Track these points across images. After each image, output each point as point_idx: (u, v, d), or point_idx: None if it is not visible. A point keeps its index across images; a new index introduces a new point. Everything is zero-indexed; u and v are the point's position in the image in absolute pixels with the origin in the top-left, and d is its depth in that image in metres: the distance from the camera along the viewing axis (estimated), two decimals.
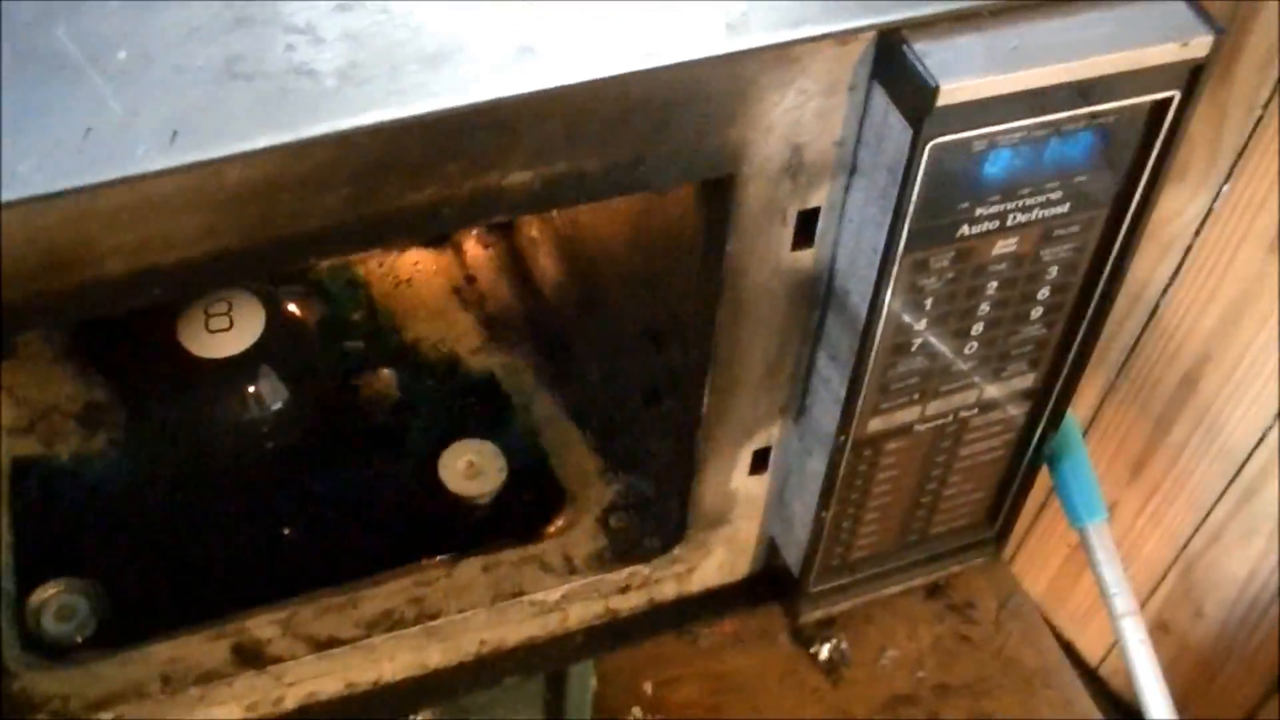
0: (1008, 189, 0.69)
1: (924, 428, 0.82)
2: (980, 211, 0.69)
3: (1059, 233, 0.73)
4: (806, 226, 0.71)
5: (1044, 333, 0.79)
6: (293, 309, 0.94)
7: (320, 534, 0.93)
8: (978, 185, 0.68)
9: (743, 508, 0.87)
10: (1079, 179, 0.70)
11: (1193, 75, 0.67)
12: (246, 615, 0.84)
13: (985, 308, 0.75)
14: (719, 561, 0.91)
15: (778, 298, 0.74)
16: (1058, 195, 0.71)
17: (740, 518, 0.88)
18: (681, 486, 0.84)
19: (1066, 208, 0.72)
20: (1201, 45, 0.65)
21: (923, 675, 0.98)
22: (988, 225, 0.70)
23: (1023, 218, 0.71)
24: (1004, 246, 0.72)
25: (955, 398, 0.81)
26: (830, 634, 0.98)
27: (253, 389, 0.87)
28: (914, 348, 0.76)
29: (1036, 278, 0.75)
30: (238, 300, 0.86)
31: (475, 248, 1.04)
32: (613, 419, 0.93)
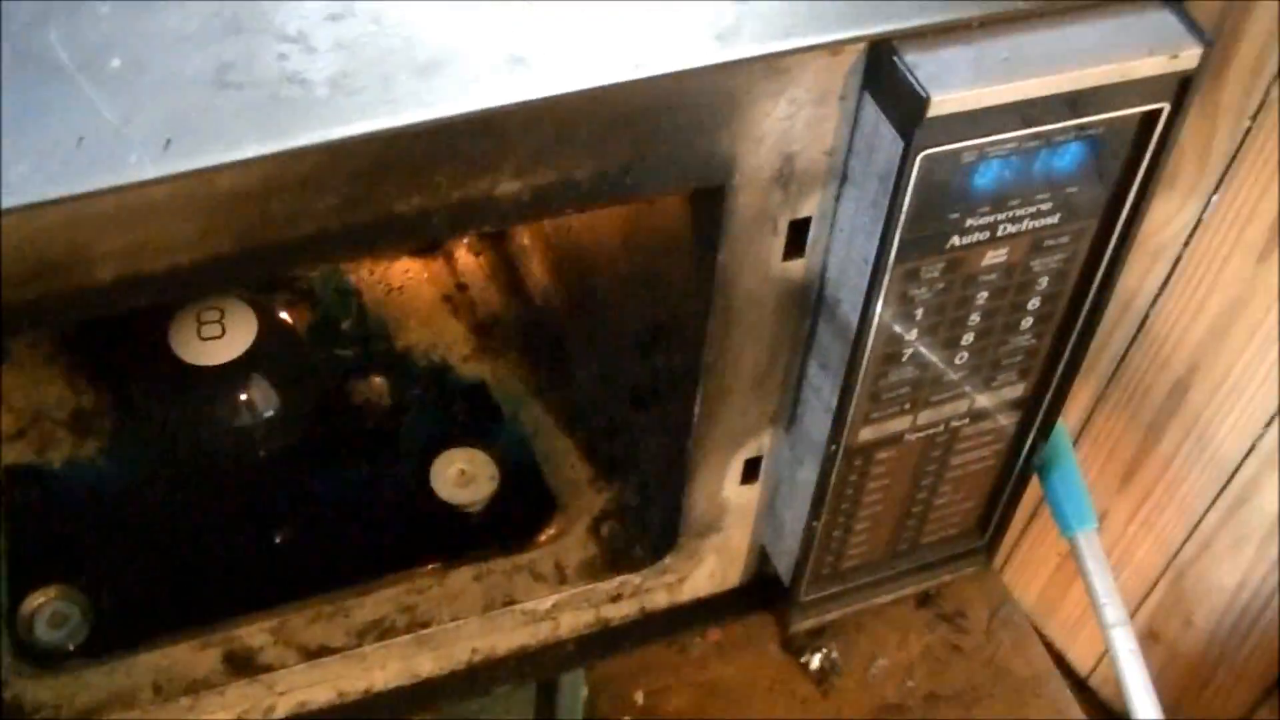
0: (998, 199, 0.69)
1: (915, 437, 0.82)
2: (970, 222, 0.70)
3: (1049, 243, 0.73)
4: (797, 236, 0.71)
5: (1034, 342, 0.79)
6: (284, 316, 0.94)
7: (312, 542, 0.93)
8: (968, 196, 0.68)
9: (733, 517, 0.87)
10: (1069, 190, 0.70)
11: (1182, 86, 0.67)
12: (238, 623, 0.84)
13: (975, 318, 0.75)
14: (710, 570, 0.91)
15: (768, 307, 0.74)
16: (1048, 206, 0.71)
17: (731, 527, 0.88)
18: (672, 495, 0.84)
19: (1056, 218, 0.72)
20: (1191, 57, 0.65)
21: (913, 684, 0.98)
22: (978, 235, 0.70)
23: (1013, 228, 0.71)
24: (994, 257, 0.72)
25: (946, 407, 0.81)
26: (821, 643, 0.98)
27: (244, 396, 0.87)
28: (905, 357, 0.76)
29: (1027, 288, 0.75)
30: (230, 307, 0.86)
31: (466, 255, 1.04)
32: (604, 427, 0.94)
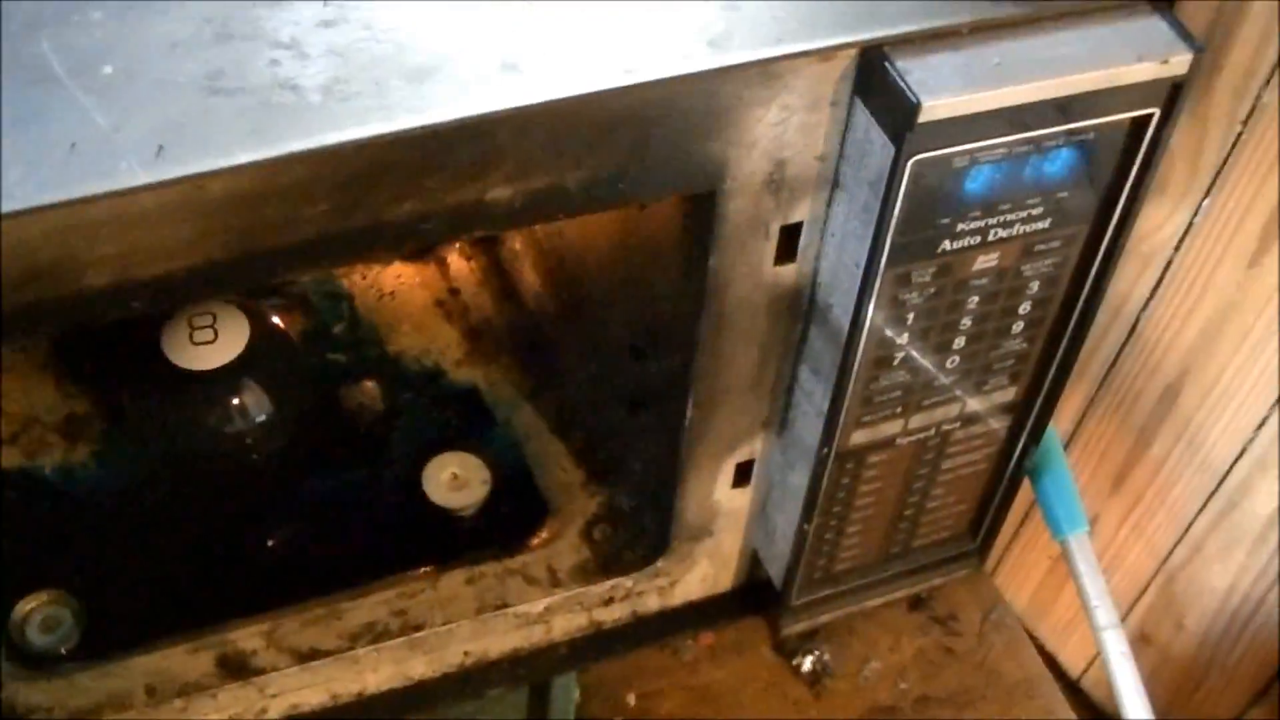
0: (989, 204, 0.69)
1: (906, 441, 0.82)
2: (962, 227, 0.70)
3: (1040, 248, 0.73)
4: (789, 241, 0.71)
5: (1025, 347, 0.79)
6: (277, 321, 0.94)
7: (304, 545, 0.93)
8: (959, 201, 0.68)
9: (725, 520, 0.87)
10: (1060, 195, 0.71)
11: (1173, 92, 0.67)
12: (230, 626, 0.84)
13: (967, 322, 0.76)
14: (702, 574, 0.91)
15: (760, 312, 0.74)
16: (1039, 211, 0.71)
17: (723, 530, 0.88)
18: (664, 499, 0.84)
19: (1047, 223, 0.72)
20: (1181, 63, 0.66)
21: (905, 687, 0.98)
22: (969, 240, 0.71)
23: (1004, 233, 0.71)
24: (985, 261, 0.72)
25: (937, 411, 0.81)
26: (813, 646, 0.98)
27: (237, 401, 0.87)
28: (896, 361, 0.76)
29: (1018, 292, 0.75)
30: (222, 312, 0.86)
31: (458, 260, 1.04)
32: (596, 432, 0.94)
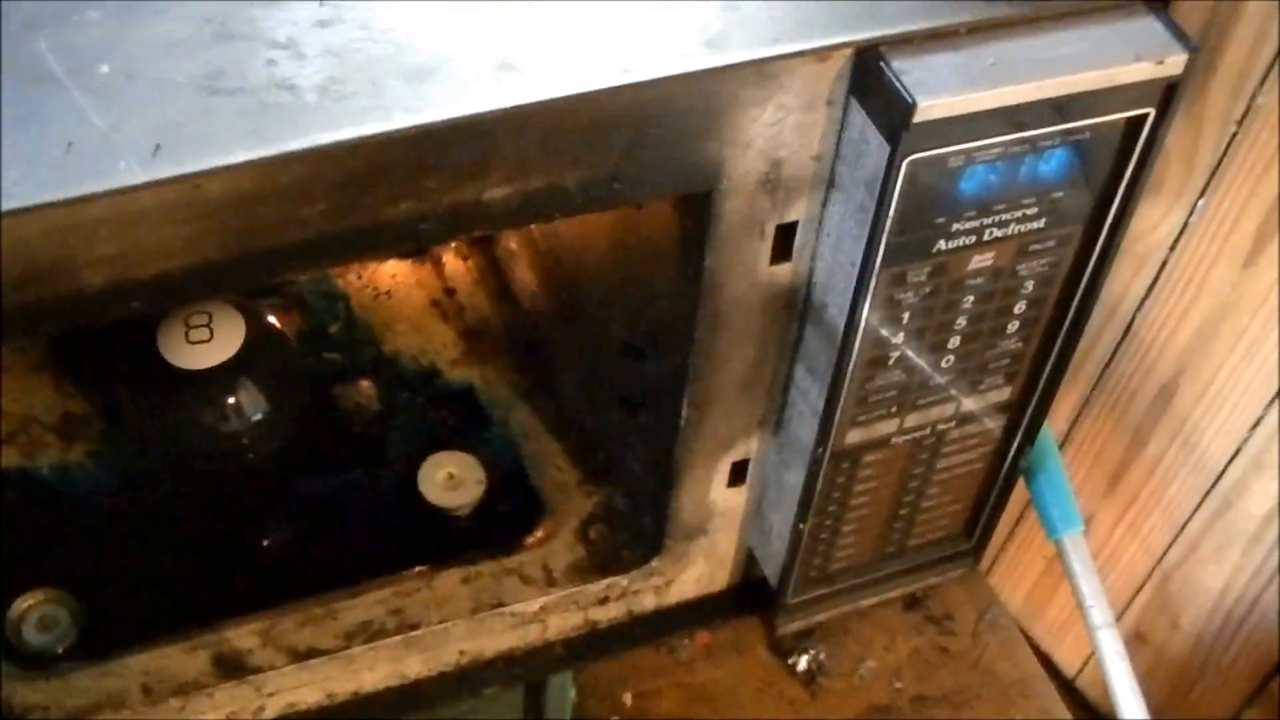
0: (984, 204, 0.69)
1: (902, 440, 0.82)
2: (957, 226, 0.70)
3: (1035, 247, 0.73)
4: (785, 241, 0.71)
5: (1020, 346, 0.79)
6: (273, 320, 0.94)
7: (300, 545, 0.93)
8: (954, 200, 0.68)
9: (721, 520, 0.88)
10: (1055, 194, 0.71)
11: (1168, 92, 0.67)
12: (226, 626, 0.84)
13: (962, 321, 0.76)
14: (698, 573, 0.91)
15: (756, 311, 0.74)
16: (1034, 210, 0.71)
17: (719, 530, 0.88)
18: (660, 498, 0.84)
19: (1043, 223, 0.72)
20: (1176, 63, 0.66)
21: (901, 686, 0.98)
22: (964, 240, 0.71)
23: (999, 233, 0.71)
24: (980, 261, 0.72)
25: (933, 410, 0.81)
26: (808, 645, 0.98)
27: (232, 400, 0.87)
28: (891, 361, 0.76)
29: (1013, 292, 0.75)
30: (218, 311, 0.86)
31: (454, 260, 1.04)
32: (591, 431, 0.94)
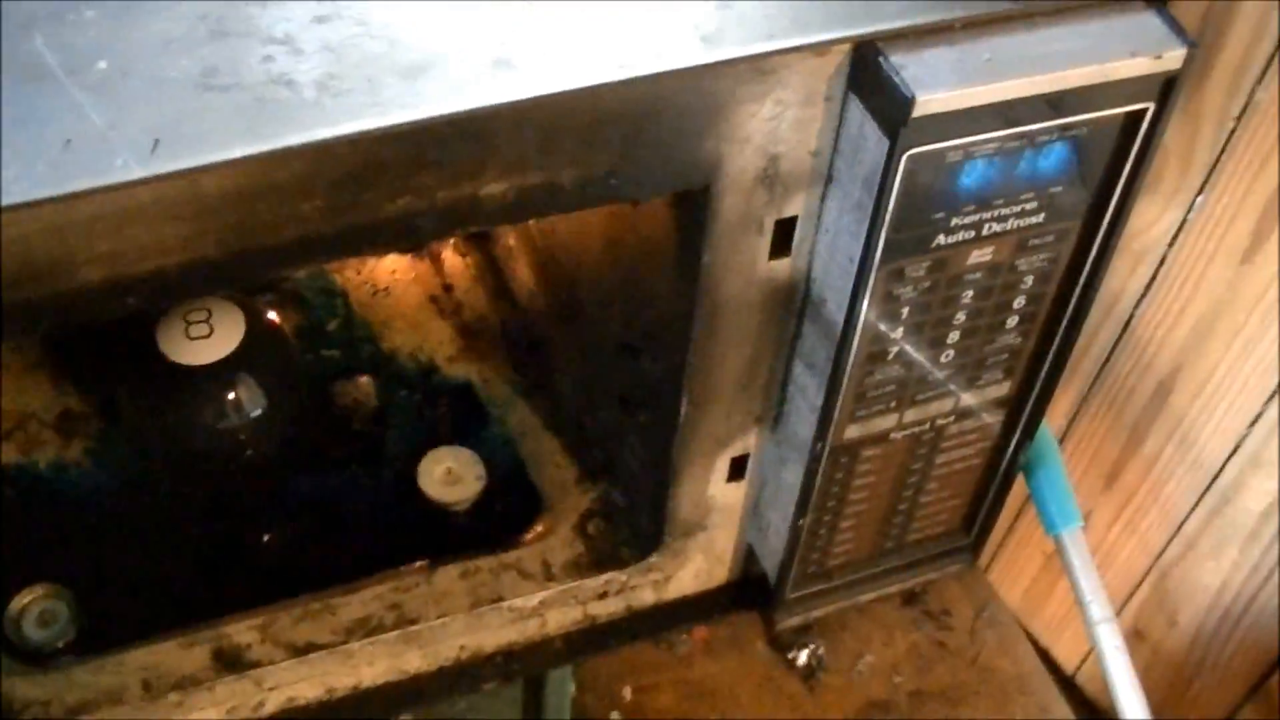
0: (983, 199, 0.69)
1: (900, 436, 0.82)
2: (956, 221, 0.70)
3: (1034, 243, 0.73)
4: (783, 236, 0.71)
5: (1019, 342, 0.79)
6: (272, 317, 0.94)
7: (299, 541, 0.93)
8: (953, 196, 0.68)
9: (720, 515, 0.88)
10: (1054, 190, 0.71)
11: (1166, 87, 0.67)
12: (226, 621, 0.84)
13: (961, 317, 0.76)
14: (696, 568, 0.91)
15: (754, 307, 0.74)
16: (1033, 206, 0.71)
17: (717, 525, 0.88)
18: (658, 494, 0.84)
19: (1041, 218, 0.72)
20: (1175, 58, 0.66)
21: (899, 681, 0.98)
22: (963, 235, 0.71)
23: (998, 228, 0.71)
24: (979, 256, 0.72)
25: (931, 406, 0.81)
26: (807, 640, 0.98)
27: (232, 396, 0.87)
28: (890, 356, 0.76)
29: (1012, 287, 0.75)
30: (217, 307, 0.86)
31: (452, 257, 1.04)
32: (590, 427, 0.94)
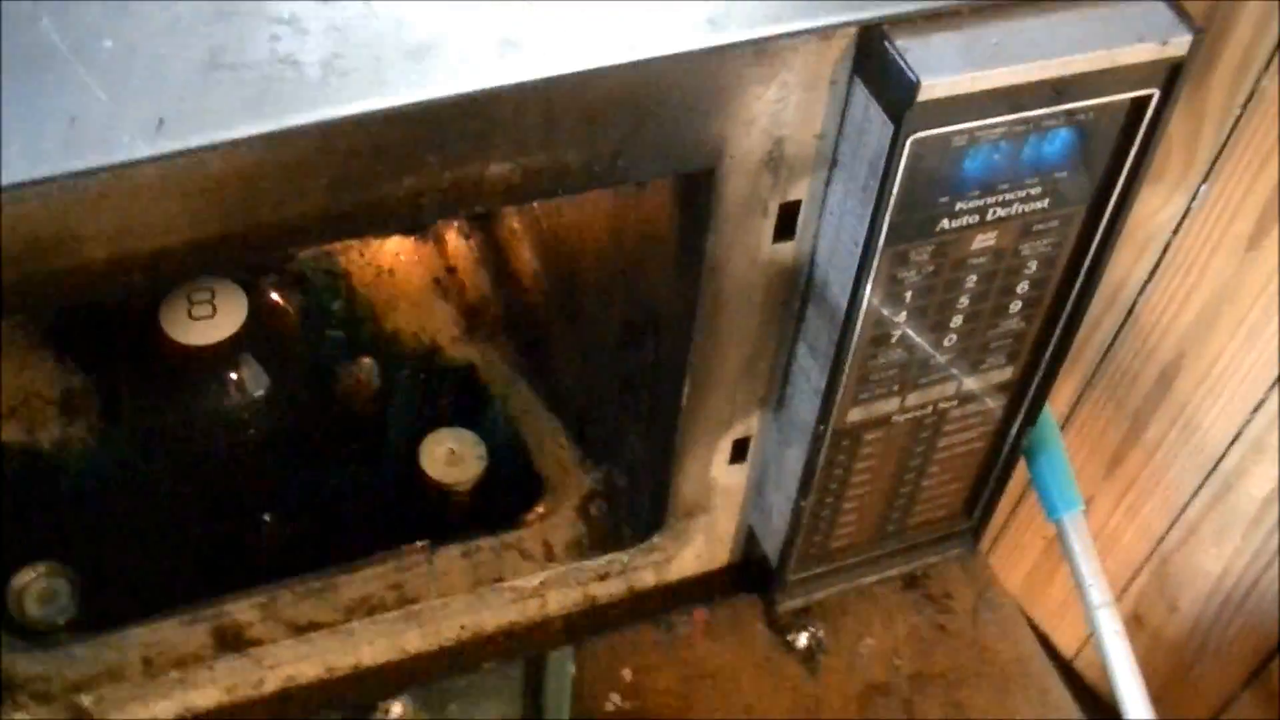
0: (987, 184, 0.69)
1: (903, 419, 0.82)
2: (960, 206, 0.70)
3: (1038, 228, 0.73)
4: (787, 219, 0.71)
5: (1022, 326, 0.79)
6: (275, 298, 0.94)
7: (301, 520, 0.93)
8: (957, 180, 0.68)
9: (721, 497, 0.88)
10: (1058, 175, 0.71)
11: (1172, 74, 0.67)
12: (226, 600, 0.84)
13: (964, 301, 0.76)
14: (697, 550, 0.92)
15: (757, 290, 0.74)
16: (1037, 191, 0.71)
17: (719, 507, 0.88)
18: (660, 476, 0.84)
19: (1046, 203, 0.72)
20: (1181, 44, 0.66)
21: (899, 664, 0.98)
22: (967, 220, 0.71)
23: (1002, 212, 0.71)
24: (983, 241, 0.72)
25: (934, 390, 0.81)
26: (808, 623, 0.98)
27: (234, 376, 0.87)
28: (893, 340, 0.76)
29: (1015, 272, 0.75)
30: (220, 288, 0.87)
31: (456, 238, 1.04)
32: (592, 409, 0.94)
